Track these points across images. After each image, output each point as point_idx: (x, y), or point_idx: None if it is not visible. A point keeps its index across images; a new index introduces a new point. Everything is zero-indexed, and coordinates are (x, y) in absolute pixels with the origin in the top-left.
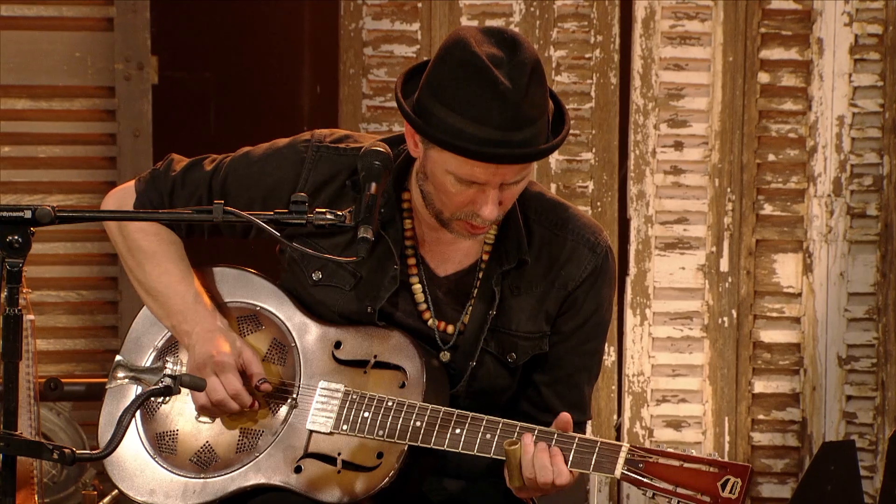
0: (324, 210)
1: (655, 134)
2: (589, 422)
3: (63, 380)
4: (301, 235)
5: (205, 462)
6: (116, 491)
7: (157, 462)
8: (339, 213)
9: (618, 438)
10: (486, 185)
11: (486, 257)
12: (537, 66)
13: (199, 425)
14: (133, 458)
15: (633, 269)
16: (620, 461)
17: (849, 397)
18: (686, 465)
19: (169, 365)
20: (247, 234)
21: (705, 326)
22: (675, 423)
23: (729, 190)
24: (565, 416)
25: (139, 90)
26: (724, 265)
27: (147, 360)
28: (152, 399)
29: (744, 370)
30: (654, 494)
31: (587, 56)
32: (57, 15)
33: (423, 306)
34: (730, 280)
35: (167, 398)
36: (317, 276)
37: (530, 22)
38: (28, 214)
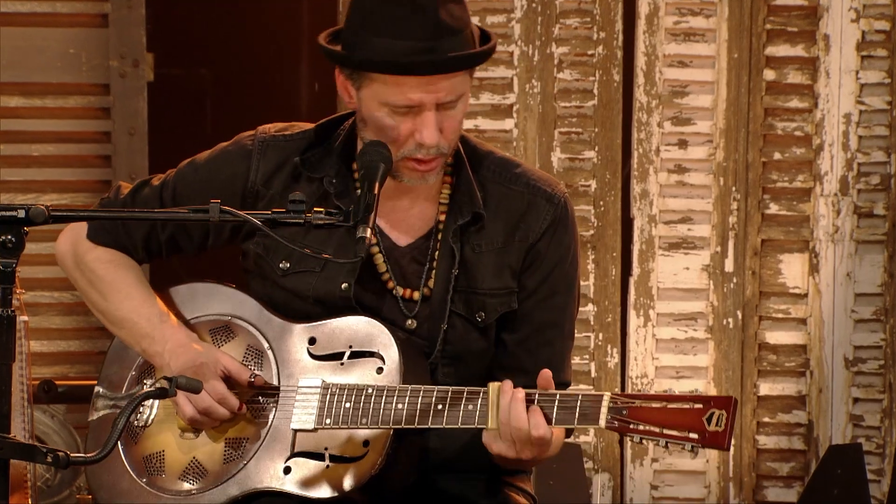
0: (321, 210)
1: (659, 132)
2: (570, 385)
3: (57, 382)
4: (251, 235)
5: (195, 478)
6: None
7: (147, 487)
8: (338, 211)
9: (621, 441)
10: (422, 108)
11: (442, 218)
12: None
13: (184, 442)
14: (123, 486)
15: (636, 270)
16: (604, 410)
17: (856, 400)
18: (669, 405)
19: (146, 388)
20: (205, 245)
21: (710, 328)
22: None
23: (734, 189)
24: (546, 373)
25: (134, 87)
26: (728, 265)
27: (126, 387)
28: (135, 422)
29: (749, 372)
30: (641, 439)
31: (590, 53)
32: (51, 11)
33: (386, 276)
34: (735, 280)
35: (148, 420)
36: (284, 265)
37: (532, 18)
38: (22, 214)
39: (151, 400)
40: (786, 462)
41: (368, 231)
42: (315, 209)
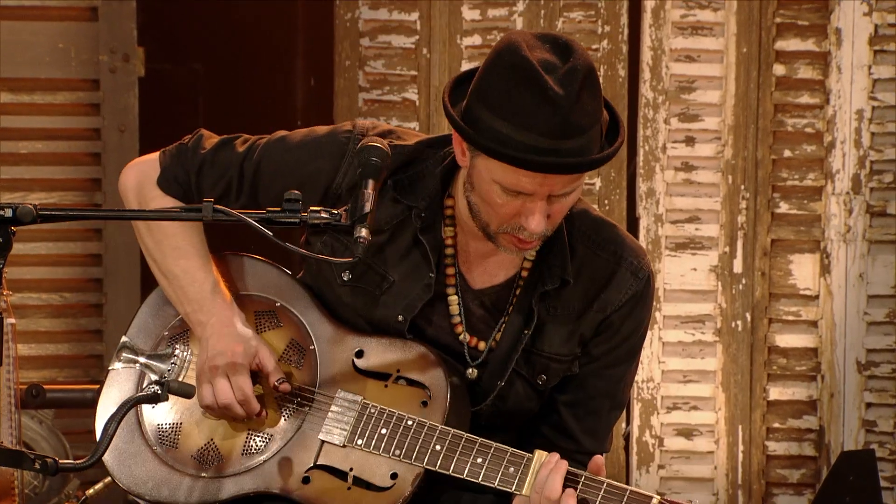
0: (318, 208)
1: (666, 129)
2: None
3: (45, 386)
4: (322, 232)
5: (207, 461)
6: (109, 478)
7: (155, 453)
8: (335, 211)
9: (626, 447)
10: (534, 197)
11: (525, 274)
12: (591, 72)
13: (205, 421)
14: (129, 445)
15: None
16: None
17: (868, 404)
18: None
19: (178, 352)
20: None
21: (718, 330)
22: (687, 432)
23: (743, 187)
24: (599, 460)
25: (125, 83)
26: (737, 266)
27: (155, 345)
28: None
29: (758, 376)
30: None
31: (594, 47)
32: (39, 4)
33: (457, 319)
34: (744, 282)
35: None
36: (346, 275)
37: (534, 11)
38: (9, 213)
39: (151, 392)
40: (796, 469)
41: (364, 231)
42: (311, 208)
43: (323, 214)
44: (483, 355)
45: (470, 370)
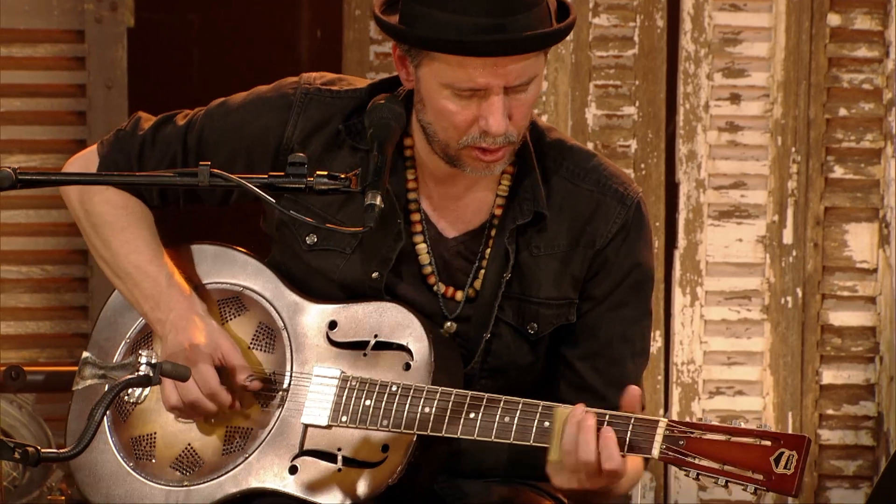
0: (325, 173)
1: (708, 85)
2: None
3: (25, 368)
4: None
5: (188, 467)
6: None
7: (133, 472)
8: (344, 175)
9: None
10: (489, 92)
11: (498, 212)
12: None
13: (180, 426)
14: (106, 468)
15: (682, 242)
16: (658, 439)
17: None
18: (734, 438)
19: (143, 359)
20: (227, 200)
21: (766, 307)
22: (731, 419)
23: (793, 150)
24: (634, 391)
25: (112, 34)
26: (787, 237)
27: (118, 355)
28: (126, 397)
29: (810, 358)
30: (697, 475)
31: None
32: None
33: (428, 269)
34: (794, 254)
35: (140, 396)
36: (311, 239)
37: None
38: None
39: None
40: (851, 460)
41: (378, 197)
42: (318, 173)
43: (330, 180)
44: (460, 307)
45: (448, 324)
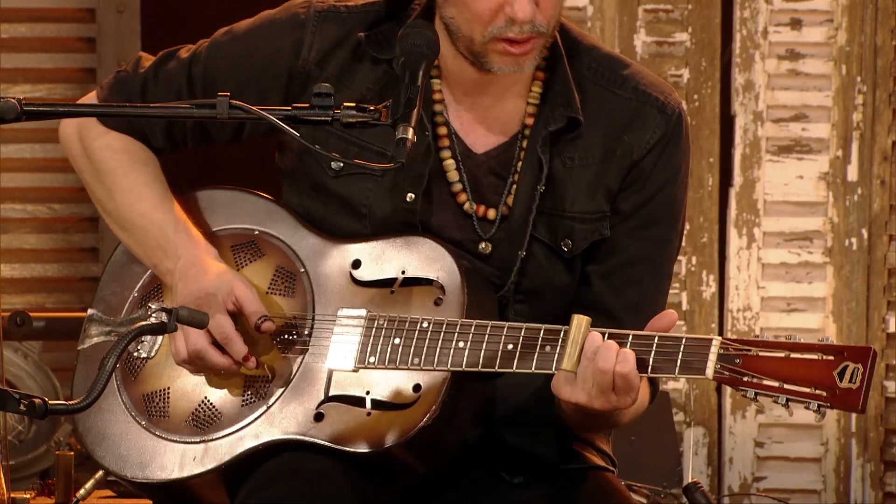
0: (352, 105)
1: (767, 9)
2: None
3: (31, 314)
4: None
5: (205, 422)
6: (101, 473)
7: (147, 430)
8: (373, 107)
9: (718, 388)
10: None
11: (529, 121)
12: None
13: (195, 380)
14: (116, 427)
15: (738, 179)
16: (712, 358)
17: None
18: (792, 354)
19: (153, 312)
20: (240, 135)
21: (828, 249)
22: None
23: (859, 79)
24: (670, 315)
25: None
26: (852, 173)
27: (126, 311)
28: (136, 353)
29: (876, 304)
30: (756, 395)
31: None
32: None
33: (458, 186)
34: (859, 191)
35: (152, 351)
36: (337, 165)
37: None
38: None
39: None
40: None
41: (410, 131)
42: (345, 104)
43: (358, 112)
44: (495, 226)
45: (483, 244)
